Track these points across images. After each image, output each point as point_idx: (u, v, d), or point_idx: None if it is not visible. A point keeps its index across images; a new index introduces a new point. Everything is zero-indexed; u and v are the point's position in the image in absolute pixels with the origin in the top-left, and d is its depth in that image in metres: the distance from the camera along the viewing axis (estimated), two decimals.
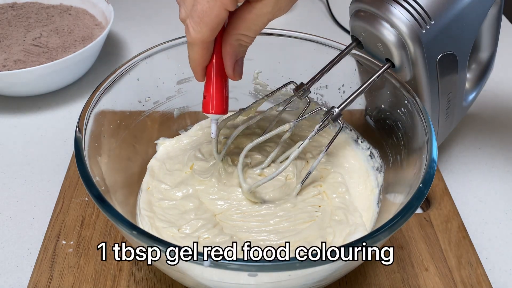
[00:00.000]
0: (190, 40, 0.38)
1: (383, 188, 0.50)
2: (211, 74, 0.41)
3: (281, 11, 0.38)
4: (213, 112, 0.42)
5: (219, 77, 0.41)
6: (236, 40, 0.39)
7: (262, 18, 0.37)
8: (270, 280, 0.36)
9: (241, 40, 0.39)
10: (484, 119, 0.69)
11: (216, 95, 0.42)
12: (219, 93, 0.42)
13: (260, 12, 0.37)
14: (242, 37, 0.39)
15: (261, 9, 0.37)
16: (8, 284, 0.48)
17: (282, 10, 0.38)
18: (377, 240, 0.34)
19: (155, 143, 0.55)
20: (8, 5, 0.81)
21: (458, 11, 0.45)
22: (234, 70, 0.41)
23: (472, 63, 0.58)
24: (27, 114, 0.69)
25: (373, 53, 0.49)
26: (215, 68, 0.41)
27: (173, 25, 0.91)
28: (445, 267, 0.48)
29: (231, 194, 0.48)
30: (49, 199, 0.56)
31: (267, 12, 0.37)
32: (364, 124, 0.55)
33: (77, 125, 0.42)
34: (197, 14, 0.36)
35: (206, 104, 0.42)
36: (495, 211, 0.57)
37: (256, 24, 0.38)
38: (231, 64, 0.41)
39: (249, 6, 0.37)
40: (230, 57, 0.40)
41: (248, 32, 0.39)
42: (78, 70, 0.72)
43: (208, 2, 0.35)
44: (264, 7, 0.37)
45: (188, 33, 0.37)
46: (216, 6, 0.35)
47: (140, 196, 0.50)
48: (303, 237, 0.45)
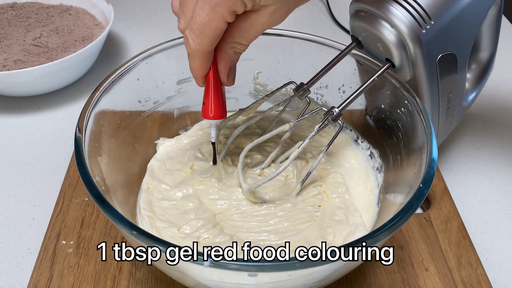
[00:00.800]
0: (190, 52, 0.39)
1: (383, 188, 0.50)
2: (209, 81, 0.42)
3: (276, 22, 0.38)
4: (212, 117, 0.43)
5: (217, 83, 0.42)
6: (231, 48, 0.40)
7: (257, 27, 0.38)
8: (270, 280, 0.36)
9: (236, 48, 0.40)
10: (484, 119, 0.69)
11: (215, 101, 0.43)
12: (217, 99, 0.43)
13: (255, 22, 0.37)
14: (236, 45, 0.39)
15: (257, 19, 0.37)
16: (8, 284, 0.48)
17: (278, 20, 0.38)
18: (377, 240, 0.34)
19: (155, 143, 0.55)
20: (8, 5, 0.81)
21: (458, 11, 0.45)
22: (228, 76, 0.42)
23: (472, 63, 0.58)
24: (27, 114, 0.69)
25: (373, 53, 0.49)
26: (213, 76, 0.42)
27: (173, 25, 0.90)
28: (445, 267, 0.48)
29: (231, 194, 0.48)
30: (49, 199, 0.56)
31: (262, 23, 0.38)
32: (364, 124, 0.55)
33: (77, 125, 0.42)
34: (197, 26, 0.36)
35: (205, 109, 0.43)
36: (495, 211, 0.57)
37: (251, 33, 0.39)
38: (225, 70, 0.41)
39: (245, 15, 0.37)
40: (225, 64, 0.41)
41: (242, 41, 0.39)
42: (78, 70, 0.72)
43: (208, 15, 0.35)
44: (259, 17, 0.37)
45: (188, 44, 0.38)
46: (216, 18, 0.35)
47: (140, 196, 0.50)
48: (303, 237, 0.45)
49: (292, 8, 0.39)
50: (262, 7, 0.36)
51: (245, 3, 0.35)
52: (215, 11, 0.35)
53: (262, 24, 0.38)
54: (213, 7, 0.35)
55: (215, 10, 0.35)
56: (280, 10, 0.37)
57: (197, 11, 0.36)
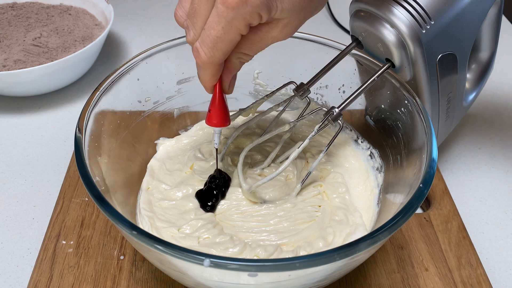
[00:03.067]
0: (201, 64, 0.38)
1: (383, 188, 0.50)
2: (215, 90, 0.42)
3: (285, 36, 0.38)
4: (217, 125, 0.43)
5: (222, 92, 0.42)
6: (237, 58, 0.39)
7: (266, 41, 0.38)
8: (270, 280, 0.36)
9: (241, 58, 0.39)
10: (484, 119, 0.69)
11: (220, 109, 0.43)
12: (222, 107, 0.43)
13: (266, 35, 0.37)
14: (243, 55, 0.39)
15: (268, 32, 0.37)
16: (8, 284, 0.48)
17: (287, 35, 0.38)
18: (377, 240, 0.34)
19: (155, 143, 0.55)
20: (8, 5, 0.81)
21: (458, 11, 0.45)
22: (230, 85, 0.42)
23: (472, 63, 0.58)
24: (27, 114, 0.69)
25: (373, 53, 0.49)
26: (218, 85, 0.41)
27: (173, 25, 0.90)
28: (445, 267, 0.48)
29: (231, 194, 0.48)
30: (49, 199, 0.56)
31: (272, 36, 0.37)
32: (364, 124, 0.55)
33: (77, 125, 0.42)
34: (210, 40, 0.35)
35: (210, 117, 0.43)
36: (495, 211, 0.57)
37: (259, 45, 0.38)
38: (228, 79, 0.41)
39: (256, 28, 0.37)
40: (229, 73, 0.40)
41: (249, 52, 0.39)
42: (78, 70, 0.72)
43: (223, 28, 0.34)
44: (271, 30, 0.37)
45: (199, 57, 0.37)
46: (231, 31, 0.35)
47: (140, 196, 0.50)
48: (303, 237, 0.45)
49: (302, 23, 0.38)
50: (274, 20, 0.36)
51: (261, 16, 0.34)
52: (231, 25, 0.34)
53: (272, 38, 0.37)
54: (229, 21, 0.34)
55: (232, 23, 0.34)
56: (291, 24, 0.37)
57: (211, 24, 0.35)
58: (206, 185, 0.48)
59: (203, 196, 0.47)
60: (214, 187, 0.47)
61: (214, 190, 0.47)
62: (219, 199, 0.47)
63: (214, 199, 0.47)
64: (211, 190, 0.47)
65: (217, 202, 0.47)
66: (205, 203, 0.47)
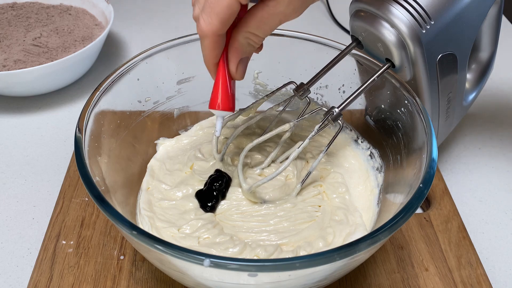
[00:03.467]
0: (201, 33, 0.38)
1: (383, 188, 0.50)
2: (219, 71, 0.41)
3: (294, 13, 0.37)
4: (219, 109, 0.42)
5: (227, 74, 0.41)
6: (245, 38, 0.39)
7: (274, 17, 0.37)
8: (270, 280, 0.36)
9: (249, 39, 0.39)
10: (484, 119, 0.69)
11: (223, 91, 0.42)
12: (226, 90, 0.42)
13: (272, 11, 0.37)
14: (251, 35, 0.39)
15: (274, 7, 0.36)
16: (8, 284, 0.48)
17: (296, 11, 0.37)
18: (377, 240, 0.34)
19: (155, 143, 0.55)
20: (8, 5, 0.81)
21: (458, 11, 0.45)
22: (237, 68, 0.41)
23: (472, 63, 0.58)
24: (27, 114, 0.69)
25: (373, 53, 0.49)
26: (223, 66, 0.41)
27: (173, 25, 0.91)
28: (445, 267, 0.48)
29: (231, 194, 0.48)
30: (49, 199, 0.56)
31: (279, 12, 0.37)
32: (364, 124, 0.55)
33: (77, 125, 0.42)
34: (208, 5, 0.36)
35: (213, 100, 0.42)
36: (495, 211, 0.57)
37: (267, 23, 0.38)
38: (235, 61, 0.40)
39: (262, 4, 0.37)
40: (236, 54, 0.40)
41: (258, 31, 0.38)
42: (78, 70, 0.72)
43: None
44: (277, 5, 0.36)
45: (199, 26, 0.37)
46: None
47: (140, 196, 0.50)
48: (303, 237, 0.45)
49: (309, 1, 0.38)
50: None
51: None
52: None
53: (279, 13, 0.37)
54: None
55: None
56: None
57: None
58: (206, 185, 0.48)
59: (203, 197, 0.47)
60: (214, 188, 0.47)
61: (214, 191, 0.47)
62: (219, 201, 0.47)
63: (214, 200, 0.47)
64: (211, 191, 0.47)
65: (217, 203, 0.47)
66: (205, 203, 0.47)
